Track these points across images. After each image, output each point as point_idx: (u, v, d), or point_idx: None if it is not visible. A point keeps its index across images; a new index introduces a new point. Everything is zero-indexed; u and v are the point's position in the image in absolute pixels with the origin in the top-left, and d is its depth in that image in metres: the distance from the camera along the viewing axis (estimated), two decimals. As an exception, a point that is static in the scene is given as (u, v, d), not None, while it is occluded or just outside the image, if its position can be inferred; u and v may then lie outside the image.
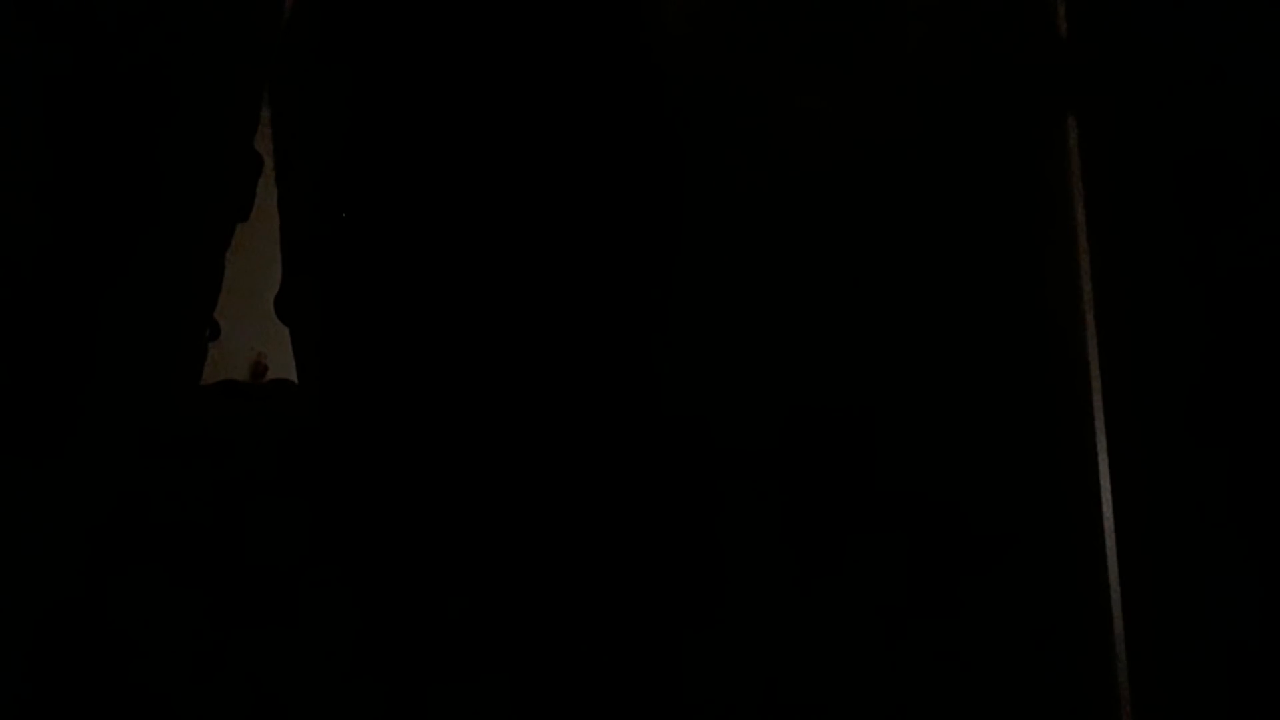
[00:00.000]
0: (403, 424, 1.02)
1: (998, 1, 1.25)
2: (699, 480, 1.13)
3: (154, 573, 1.05)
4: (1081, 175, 1.24)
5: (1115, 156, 1.23)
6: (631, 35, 1.06)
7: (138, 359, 1.16)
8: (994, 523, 1.22)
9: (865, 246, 1.25)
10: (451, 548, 1.02)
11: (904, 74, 1.25)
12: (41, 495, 1.06)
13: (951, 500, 1.22)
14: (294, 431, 1.15)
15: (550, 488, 1.01)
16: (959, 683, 1.19)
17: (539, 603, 1.01)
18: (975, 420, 1.23)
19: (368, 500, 1.04)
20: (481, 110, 1.01)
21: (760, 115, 1.25)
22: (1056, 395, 1.23)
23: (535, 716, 1.00)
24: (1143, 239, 1.21)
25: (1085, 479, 1.21)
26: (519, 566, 1.01)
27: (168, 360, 1.18)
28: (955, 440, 1.23)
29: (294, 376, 1.18)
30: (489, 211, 1.00)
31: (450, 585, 1.01)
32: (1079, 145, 1.24)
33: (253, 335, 1.31)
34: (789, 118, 1.26)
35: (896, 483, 1.22)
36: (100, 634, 1.02)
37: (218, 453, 1.13)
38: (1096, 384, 1.21)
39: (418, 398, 1.01)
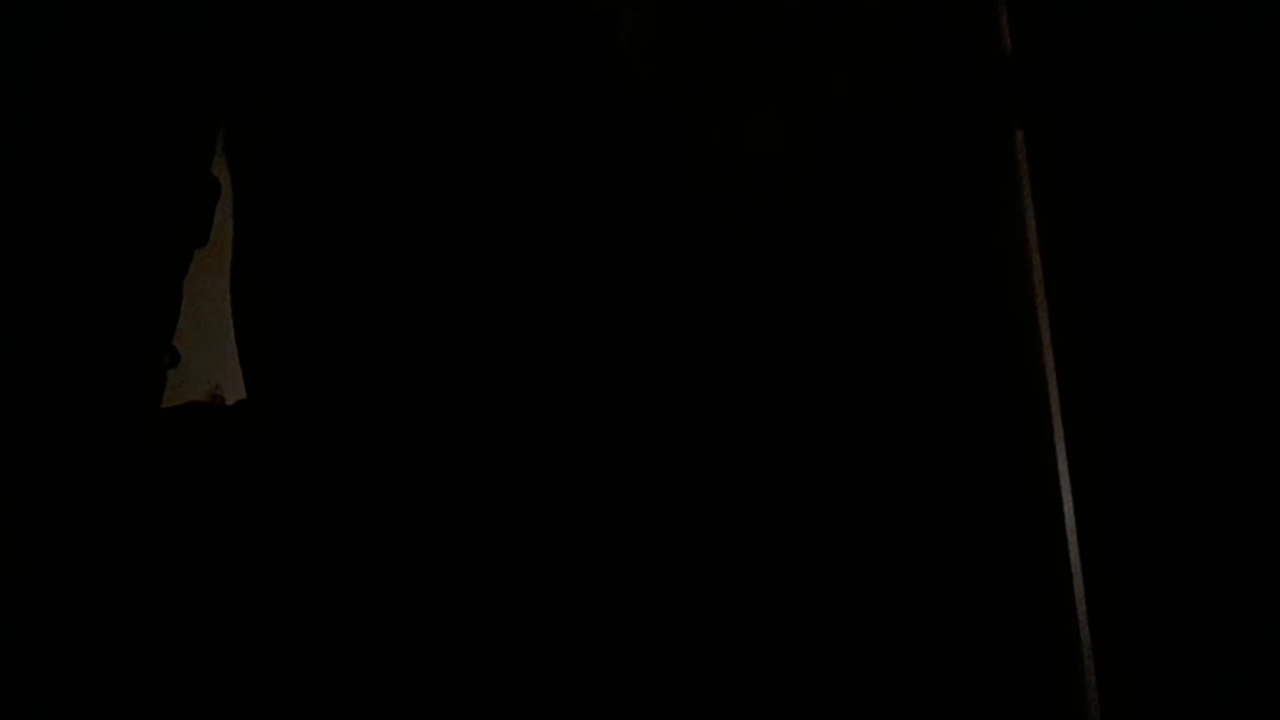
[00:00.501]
0: (363, 430, 1.02)
1: (942, 20, 1.28)
2: (660, 475, 1.13)
3: (125, 589, 1.03)
4: (1031, 185, 1.26)
5: (1062, 167, 1.25)
6: (583, 43, 1.08)
7: (97, 384, 1.14)
8: (954, 515, 1.23)
9: (817, 259, 1.27)
10: (415, 550, 1.01)
11: (854, 91, 1.28)
12: (7, 516, 1.04)
13: (911, 494, 1.23)
14: (253, 448, 1.14)
15: (511, 485, 1.01)
16: (926, 675, 1.20)
17: (503, 601, 1.01)
18: (931, 424, 1.24)
19: (327, 509, 1.04)
20: (434, 124, 1.01)
21: (714, 128, 1.27)
22: (1013, 399, 1.25)
23: (506, 711, 0.99)
24: (1092, 245, 1.24)
25: (1044, 477, 1.23)
26: (482, 566, 1.01)
27: (127, 386, 1.17)
28: (911, 438, 1.24)
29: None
30: (447, 219, 1.00)
31: (416, 585, 1.00)
32: (1027, 157, 1.27)
33: (210, 364, 1.30)
34: (741, 132, 1.28)
35: (858, 477, 1.23)
36: (76, 648, 1.01)
37: (184, 472, 1.12)
38: (1053, 384, 1.23)
39: (376, 404, 1.01)
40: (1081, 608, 1.19)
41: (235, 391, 1.30)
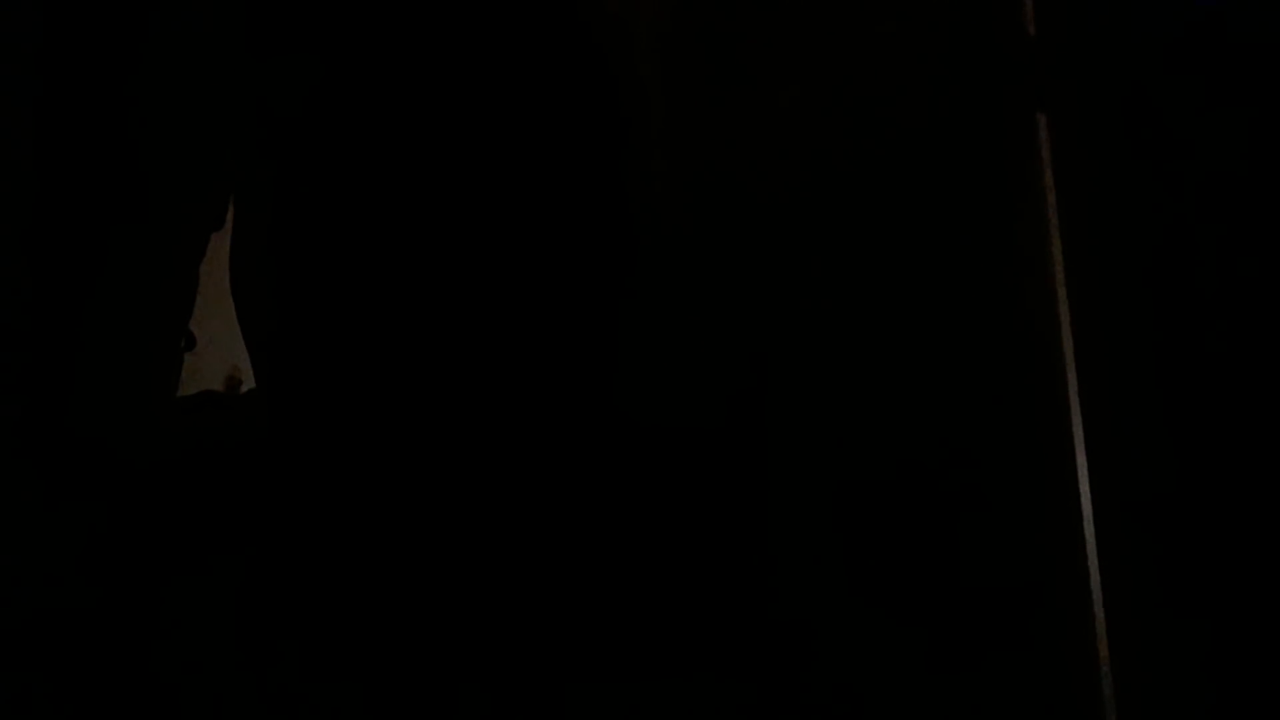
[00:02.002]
0: (364, 424, 1.01)
1: (968, 3, 1.27)
2: (666, 471, 1.13)
3: (141, 578, 1.03)
4: (1052, 169, 1.26)
5: (1084, 151, 1.25)
6: (586, 37, 1.07)
7: (114, 368, 1.14)
8: (968, 514, 1.23)
9: (838, 243, 1.26)
10: (415, 545, 1.01)
11: (875, 76, 1.27)
12: (24, 503, 1.04)
13: (924, 493, 1.23)
14: (259, 439, 1.14)
15: (512, 482, 1.01)
16: (939, 680, 1.20)
17: (503, 597, 1.01)
18: (950, 411, 1.24)
19: (326, 503, 1.03)
20: (439, 118, 1.01)
21: (736, 113, 1.26)
22: (1032, 385, 1.25)
23: (506, 711, 0.99)
24: (1113, 230, 1.24)
25: (1062, 465, 1.23)
26: (484, 562, 1.01)
27: (144, 370, 1.17)
28: (929, 430, 1.24)
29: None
30: (448, 217, 1.00)
31: (418, 580, 1.00)
32: (1049, 140, 1.26)
33: (227, 347, 1.30)
34: (764, 117, 1.27)
35: (865, 478, 1.23)
36: (93, 637, 1.01)
37: (198, 461, 1.13)
38: (1071, 372, 1.23)
39: (380, 397, 1.01)
40: (1099, 605, 1.19)
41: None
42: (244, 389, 1.35)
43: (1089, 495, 1.22)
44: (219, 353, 1.29)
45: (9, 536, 1.02)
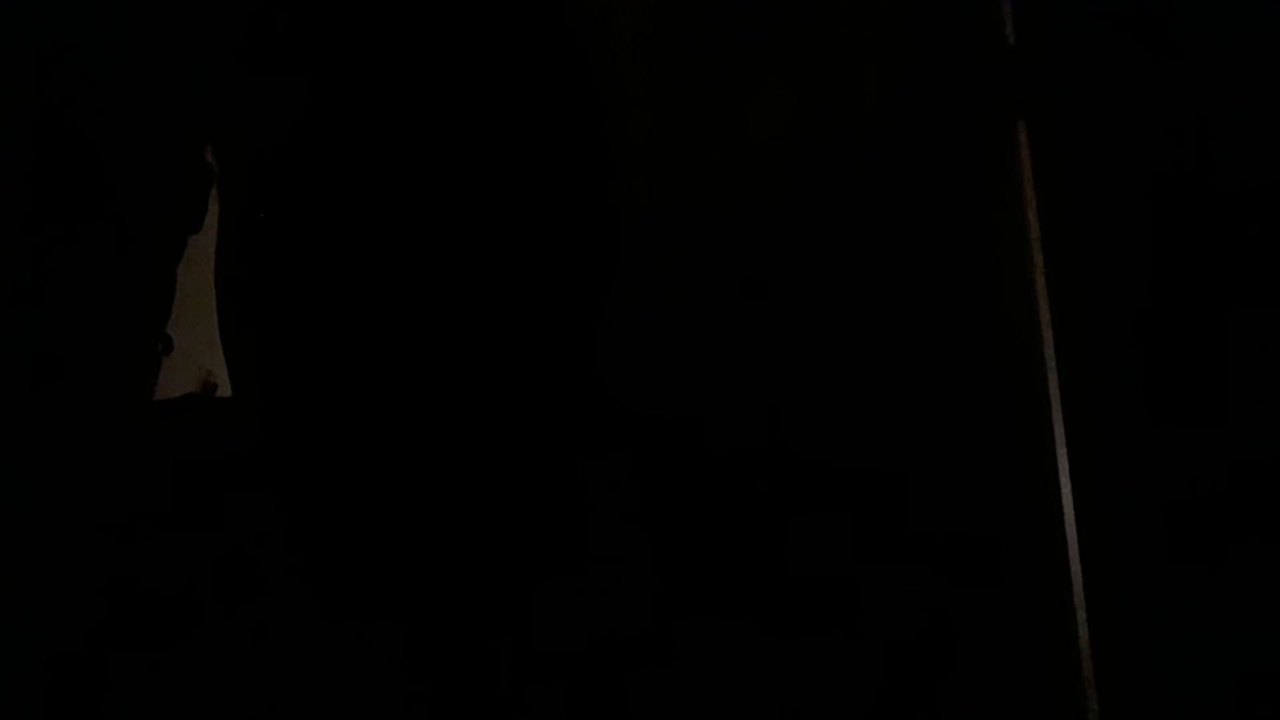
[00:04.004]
0: (345, 429, 1.01)
1: (947, 10, 1.28)
2: (651, 473, 1.13)
3: (123, 590, 1.02)
4: (1032, 177, 1.26)
5: (1064, 158, 1.26)
6: (563, 33, 1.07)
7: (90, 372, 1.13)
8: (949, 520, 1.23)
9: (817, 247, 1.27)
10: (409, 549, 1.00)
11: (855, 82, 1.27)
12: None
13: (906, 500, 1.23)
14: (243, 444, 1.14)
15: (489, 480, 1.00)
16: (921, 685, 1.20)
17: (483, 596, 1.00)
18: (932, 419, 1.24)
19: (316, 508, 1.03)
20: (417, 116, 1.00)
21: (716, 119, 1.27)
22: (1014, 394, 1.25)
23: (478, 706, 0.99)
24: (1093, 238, 1.24)
25: (1044, 472, 1.23)
26: (463, 561, 1.00)
27: (121, 373, 1.16)
28: (911, 439, 1.24)
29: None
30: (425, 215, 0.99)
31: (409, 585, 1.00)
32: (1029, 148, 1.27)
33: (203, 351, 1.29)
34: (744, 121, 1.27)
35: (853, 474, 1.23)
36: (78, 645, 1.00)
37: (179, 465, 1.12)
38: (1053, 379, 1.24)
39: (358, 402, 1.00)
40: (1081, 614, 1.19)
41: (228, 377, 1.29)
42: (219, 394, 1.34)
43: (1071, 503, 1.22)
44: (194, 355, 1.28)
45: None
